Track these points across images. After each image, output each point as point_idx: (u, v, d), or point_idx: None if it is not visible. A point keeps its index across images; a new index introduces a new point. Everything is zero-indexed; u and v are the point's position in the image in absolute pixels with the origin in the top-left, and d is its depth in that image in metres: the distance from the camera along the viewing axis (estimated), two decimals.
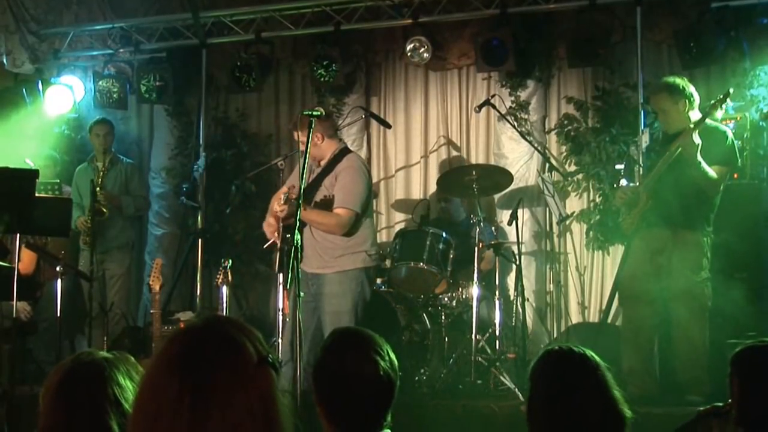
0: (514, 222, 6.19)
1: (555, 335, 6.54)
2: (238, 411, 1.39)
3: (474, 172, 6.13)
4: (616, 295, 6.05)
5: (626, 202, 5.40)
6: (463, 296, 6.10)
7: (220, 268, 5.67)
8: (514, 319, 6.08)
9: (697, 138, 5.00)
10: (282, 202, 4.96)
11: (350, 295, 5.05)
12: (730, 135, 5.27)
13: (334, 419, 2.26)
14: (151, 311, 5.78)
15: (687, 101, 5.22)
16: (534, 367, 2.37)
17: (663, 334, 5.41)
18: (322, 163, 5.21)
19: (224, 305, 5.73)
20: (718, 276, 5.39)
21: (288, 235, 5.03)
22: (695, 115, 5.22)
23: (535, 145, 6.82)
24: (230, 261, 5.71)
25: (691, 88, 5.26)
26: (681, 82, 5.28)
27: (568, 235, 6.98)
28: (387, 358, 2.30)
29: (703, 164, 5.05)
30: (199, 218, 7.57)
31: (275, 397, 1.44)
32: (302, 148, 4.80)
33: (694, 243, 5.24)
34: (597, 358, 2.34)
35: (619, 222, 5.60)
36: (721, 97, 5.07)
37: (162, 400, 1.40)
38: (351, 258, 5.10)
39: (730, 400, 2.67)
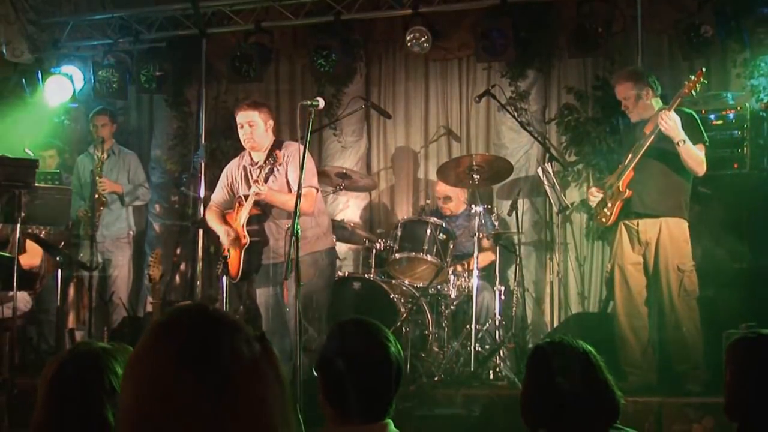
0: (513, 212, 6.20)
1: (555, 325, 6.55)
2: (252, 397, 1.32)
3: (474, 162, 6.12)
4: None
5: (602, 198, 5.41)
6: (463, 286, 6.11)
7: (220, 259, 5.66)
8: (513, 309, 6.08)
9: (675, 116, 5.00)
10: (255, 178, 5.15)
11: (322, 275, 5.25)
12: (695, 114, 5.31)
13: (340, 407, 2.23)
14: (151, 301, 5.78)
15: (651, 89, 5.28)
16: (527, 359, 2.39)
17: (660, 325, 5.42)
18: (260, 153, 5.29)
19: (224, 296, 5.73)
20: (717, 266, 5.38)
21: (255, 229, 5.23)
22: (658, 102, 5.29)
23: (535, 135, 6.82)
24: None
25: (653, 75, 5.31)
26: (643, 69, 5.33)
27: (567, 225, 6.97)
28: (394, 344, 2.30)
29: (689, 143, 5.05)
30: (199, 208, 7.57)
31: (282, 378, 1.42)
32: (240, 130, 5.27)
33: (678, 231, 5.27)
34: (587, 346, 2.35)
35: (594, 217, 5.58)
36: (694, 78, 5.01)
37: (174, 397, 1.29)
38: (320, 239, 5.30)
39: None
